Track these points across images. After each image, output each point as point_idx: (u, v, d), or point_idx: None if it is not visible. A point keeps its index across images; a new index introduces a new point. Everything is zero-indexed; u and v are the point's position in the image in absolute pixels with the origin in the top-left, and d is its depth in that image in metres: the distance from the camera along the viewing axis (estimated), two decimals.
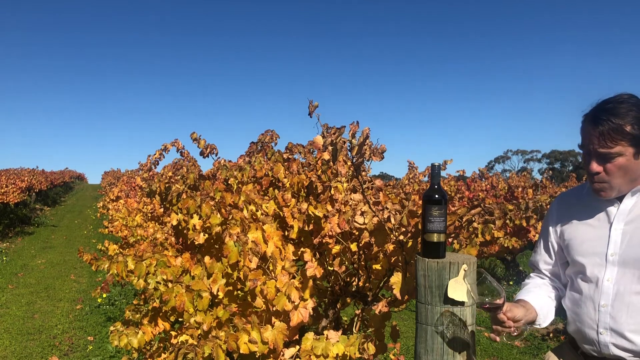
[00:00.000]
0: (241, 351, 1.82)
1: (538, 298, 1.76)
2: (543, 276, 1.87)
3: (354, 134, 1.84)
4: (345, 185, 2.19)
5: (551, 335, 5.67)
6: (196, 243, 2.27)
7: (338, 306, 2.47)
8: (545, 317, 1.75)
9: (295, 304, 1.93)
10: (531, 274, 1.93)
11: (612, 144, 1.50)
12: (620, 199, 1.63)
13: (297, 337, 2.04)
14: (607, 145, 1.50)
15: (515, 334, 1.52)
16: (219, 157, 3.35)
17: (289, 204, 2.27)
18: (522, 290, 1.85)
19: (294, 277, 1.99)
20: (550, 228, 1.82)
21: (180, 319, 2.16)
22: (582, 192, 1.77)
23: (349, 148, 1.84)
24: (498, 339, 1.58)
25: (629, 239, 1.58)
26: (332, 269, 2.26)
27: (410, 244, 1.87)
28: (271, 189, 2.72)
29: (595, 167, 1.55)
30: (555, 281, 1.85)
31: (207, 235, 2.26)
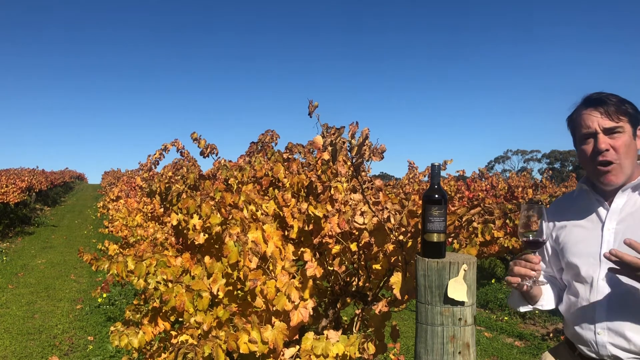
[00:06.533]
0: (241, 351, 1.82)
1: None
2: None
3: (354, 134, 1.84)
4: (345, 185, 2.19)
5: (551, 335, 5.67)
6: (196, 243, 2.27)
7: (338, 306, 2.47)
8: (548, 300, 1.79)
9: (295, 303, 1.93)
10: None
11: (617, 119, 1.57)
12: (610, 198, 1.65)
13: (297, 337, 2.04)
14: (614, 120, 1.57)
15: (540, 282, 1.62)
16: (219, 157, 3.35)
17: (289, 204, 2.27)
18: None
19: (294, 277, 1.99)
20: None
21: (180, 319, 2.16)
22: (573, 196, 1.80)
23: (348, 148, 1.84)
24: (519, 280, 1.59)
25: (621, 237, 1.58)
26: (332, 269, 2.26)
27: (410, 243, 1.87)
28: (271, 189, 2.72)
29: (604, 143, 1.57)
30: (556, 282, 1.87)
31: (207, 235, 2.26)
